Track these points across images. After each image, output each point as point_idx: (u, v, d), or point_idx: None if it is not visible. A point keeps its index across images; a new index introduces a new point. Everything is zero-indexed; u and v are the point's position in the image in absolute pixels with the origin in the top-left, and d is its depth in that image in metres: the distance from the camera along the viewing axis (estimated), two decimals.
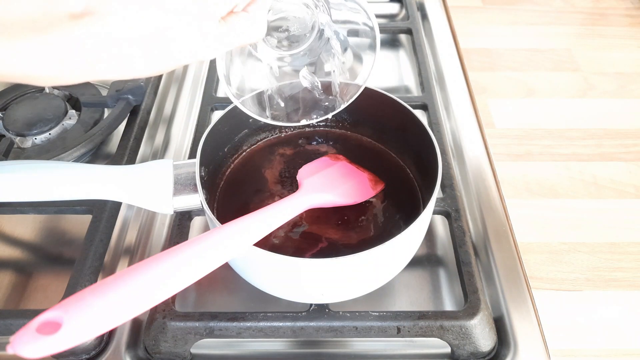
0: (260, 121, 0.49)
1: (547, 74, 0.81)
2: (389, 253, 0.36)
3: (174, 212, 0.39)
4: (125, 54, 0.27)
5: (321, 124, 0.51)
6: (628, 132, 0.72)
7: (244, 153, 0.49)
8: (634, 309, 0.54)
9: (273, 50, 0.39)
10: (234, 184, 0.47)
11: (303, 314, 0.39)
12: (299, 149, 0.50)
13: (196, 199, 0.38)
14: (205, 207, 0.37)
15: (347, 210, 0.43)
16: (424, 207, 0.37)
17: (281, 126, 0.50)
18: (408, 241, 0.38)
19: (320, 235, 0.42)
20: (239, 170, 0.48)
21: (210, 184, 0.44)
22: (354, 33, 0.42)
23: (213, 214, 0.36)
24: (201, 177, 0.40)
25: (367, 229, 0.43)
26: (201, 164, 0.40)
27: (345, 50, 0.63)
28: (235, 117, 0.45)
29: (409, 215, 0.43)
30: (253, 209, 0.38)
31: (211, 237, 0.31)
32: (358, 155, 0.48)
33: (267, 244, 0.35)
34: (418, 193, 0.45)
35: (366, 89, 0.46)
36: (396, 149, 0.48)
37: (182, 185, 0.39)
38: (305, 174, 0.43)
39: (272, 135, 0.50)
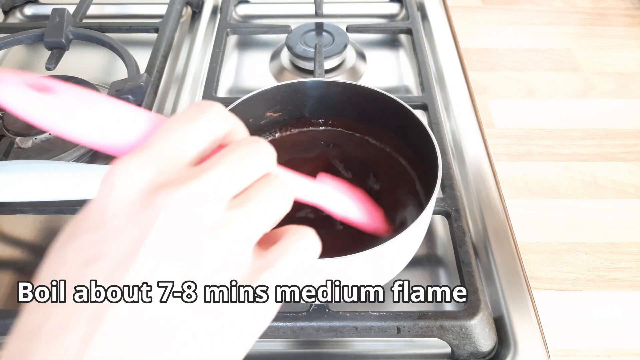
0: (260, 121, 0.49)
1: (547, 74, 0.81)
2: (389, 253, 0.36)
3: None
4: None
5: (321, 122, 0.51)
6: (628, 132, 0.72)
7: None
8: (634, 309, 0.54)
9: None
10: None
11: (303, 314, 0.39)
12: (298, 149, 0.50)
13: None
14: None
15: None
16: (424, 207, 0.37)
17: (281, 127, 0.50)
18: (408, 241, 0.38)
19: (320, 235, 0.42)
20: None
21: None
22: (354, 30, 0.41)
23: None
24: None
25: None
26: None
27: (344, 47, 0.64)
28: None
29: (409, 215, 0.43)
30: None
31: None
32: (358, 156, 0.48)
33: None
34: (418, 193, 0.45)
35: (366, 89, 0.46)
36: (396, 149, 0.48)
37: None
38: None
39: (272, 135, 0.50)
